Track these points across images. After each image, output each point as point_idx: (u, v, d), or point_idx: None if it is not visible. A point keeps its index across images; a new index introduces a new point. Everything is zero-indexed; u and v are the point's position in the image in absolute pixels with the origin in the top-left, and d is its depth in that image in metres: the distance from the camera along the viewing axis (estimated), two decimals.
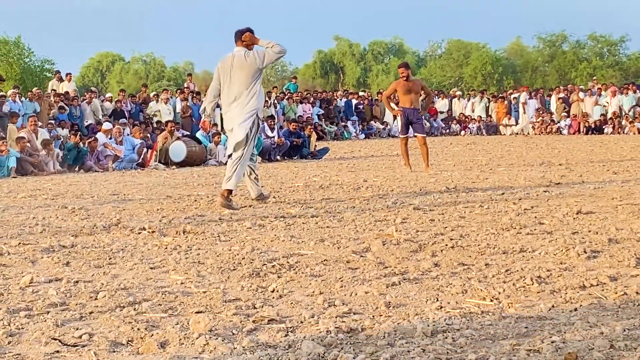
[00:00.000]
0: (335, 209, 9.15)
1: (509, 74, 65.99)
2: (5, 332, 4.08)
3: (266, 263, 5.87)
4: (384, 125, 33.27)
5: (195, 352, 3.76)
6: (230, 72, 9.57)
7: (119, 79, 70.26)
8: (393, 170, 15.17)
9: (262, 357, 3.65)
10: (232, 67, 9.57)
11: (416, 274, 5.44)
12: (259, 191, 10.14)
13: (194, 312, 4.46)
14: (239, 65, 9.53)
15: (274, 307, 4.61)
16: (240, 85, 9.54)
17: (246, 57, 9.51)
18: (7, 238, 7.25)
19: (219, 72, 9.73)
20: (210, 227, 7.84)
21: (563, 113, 33.92)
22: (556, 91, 36.88)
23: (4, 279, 5.45)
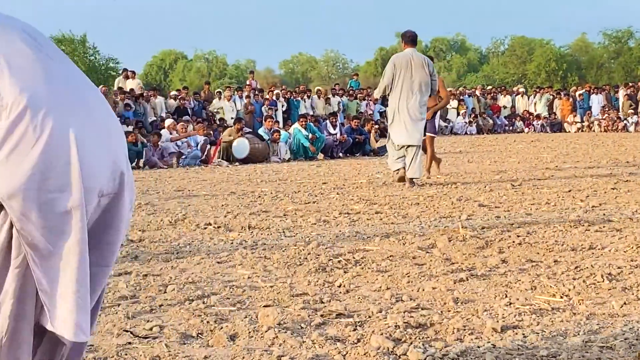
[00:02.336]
0: (399, 205, 9.12)
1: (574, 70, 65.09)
2: None
3: (332, 258, 5.88)
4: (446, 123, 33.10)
5: (264, 345, 3.78)
6: (411, 69, 11.08)
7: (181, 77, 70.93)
8: (457, 167, 15.07)
9: (331, 351, 3.65)
10: (411, 65, 11.10)
11: (484, 270, 5.40)
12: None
13: (262, 306, 4.48)
14: (419, 64, 11.13)
15: (342, 301, 4.61)
16: (421, 81, 11.11)
17: (422, 59, 11.28)
18: None
19: (394, 67, 11.15)
20: (275, 222, 7.87)
21: (630, 110, 33.34)
22: (623, 88, 36.25)
23: None
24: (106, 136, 2.07)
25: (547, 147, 22.24)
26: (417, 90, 11.14)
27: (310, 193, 10.76)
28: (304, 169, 16.01)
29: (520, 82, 58.73)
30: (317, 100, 29.36)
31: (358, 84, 36.70)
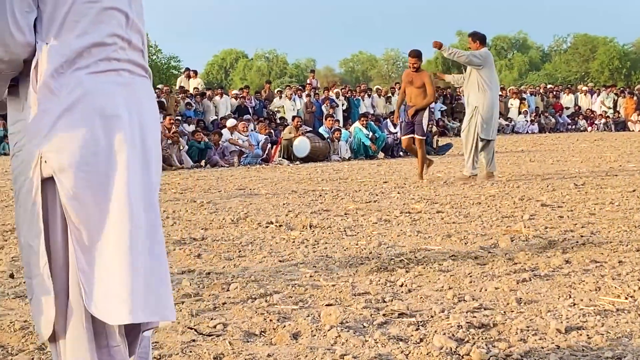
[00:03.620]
0: (460, 205, 9.08)
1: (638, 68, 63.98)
2: None
3: (393, 258, 5.88)
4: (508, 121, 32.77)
5: (327, 344, 3.80)
6: (494, 66, 12.31)
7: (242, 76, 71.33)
8: (518, 167, 14.94)
9: (394, 351, 3.66)
10: (493, 62, 12.32)
11: (547, 270, 5.36)
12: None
13: (325, 305, 4.51)
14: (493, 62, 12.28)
15: (404, 301, 4.61)
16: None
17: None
18: None
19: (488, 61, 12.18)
20: (336, 221, 7.89)
21: None
22: None
23: None
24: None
25: (611, 146, 21.92)
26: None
27: (371, 192, 10.77)
28: (365, 168, 16.02)
29: (582, 80, 57.92)
30: (377, 99, 29.32)
31: None
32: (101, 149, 1.99)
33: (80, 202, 1.96)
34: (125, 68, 2.10)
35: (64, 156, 1.95)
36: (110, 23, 2.05)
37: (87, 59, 2.01)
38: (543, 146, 21.84)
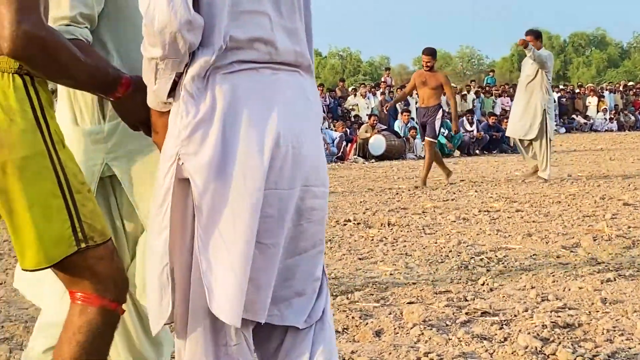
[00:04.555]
0: (540, 204, 8.97)
1: None
2: None
3: (474, 256, 5.85)
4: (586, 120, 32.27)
5: (410, 342, 3.80)
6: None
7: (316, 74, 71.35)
8: (598, 165, 14.70)
9: (478, 349, 3.64)
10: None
11: (632, 270, 5.27)
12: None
13: (406, 303, 4.50)
14: None
15: (486, 300, 4.58)
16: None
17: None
18: None
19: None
20: (414, 220, 7.87)
21: None
22: None
23: None
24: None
25: None
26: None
27: (448, 190, 10.72)
28: None
29: None
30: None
31: (494, 80, 36.14)
32: (237, 152, 1.98)
33: (212, 205, 1.97)
34: (269, 67, 2.06)
35: (199, 159, 1.96)
36: (250, 25, 2.02)
37: (228, 61, 2.00)
38: (623, 144, 21.42)
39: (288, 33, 2.09)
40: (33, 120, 2.06)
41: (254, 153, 1.97)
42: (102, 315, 2.15)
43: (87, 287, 2.14)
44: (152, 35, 1.95)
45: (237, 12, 2.00)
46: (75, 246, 2.08)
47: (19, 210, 2.04)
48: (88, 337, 2.13)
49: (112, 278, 2.18)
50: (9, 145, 2.01)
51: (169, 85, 2.01)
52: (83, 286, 2.15)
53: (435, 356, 3.55)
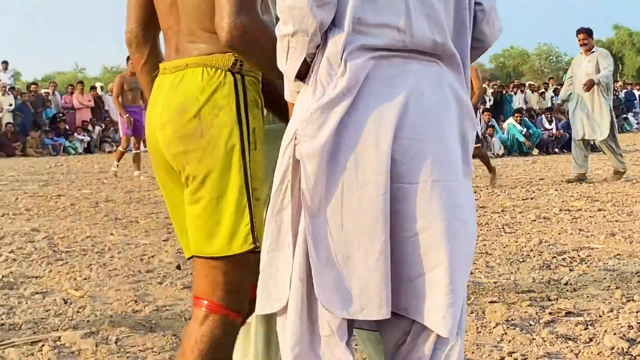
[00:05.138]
0: (622, 203, 8.80)
1: None
2: None
3: (556, 256, 5.76)
4: None
5: (493, 341, 3.76)
6: None
7: None
8: None
9: (563, 350, 3.59)
10: None
11: None
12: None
13: (488, 302, 4.45)
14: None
15: (569, 300, 4.50)
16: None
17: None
18: None
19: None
20: (494, 218, 7.79)
21: None
22: None
23: None
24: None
25: None
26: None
27: (527, 189, 10.58)
28: (519, 165, 15.76)
29: None
30: (530, 95, 28.73)
31: None
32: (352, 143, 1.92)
33: (319, 191, 1.93)
34: (402, 56, 1.97)
35: (314, 143, 1.92)
36: (384, 10, 1.94)
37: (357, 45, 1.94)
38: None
39: (429, 21, 1.98)
40: (235, 117, 2.15)
41: (370, 145, 1.91)
42: (223, 324, 2.18)
43: (217, 294, 2.18)
44: (283, 11, 1.94)
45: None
46: (252, 244, 2.16)
47: (213, 197, 2.15)
48: (210, 346, 2.17)
49: (241, 288, 2.22)
50: (210, 137, 2.13)
51: (298, 65, 1.98)
52: (213, 292, 2.18)
53: (520, 356, 3.50)
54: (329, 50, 1.95)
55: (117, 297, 4.75)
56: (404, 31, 1.95)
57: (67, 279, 5.27)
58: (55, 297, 4.71)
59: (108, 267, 5.62)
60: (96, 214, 8.74)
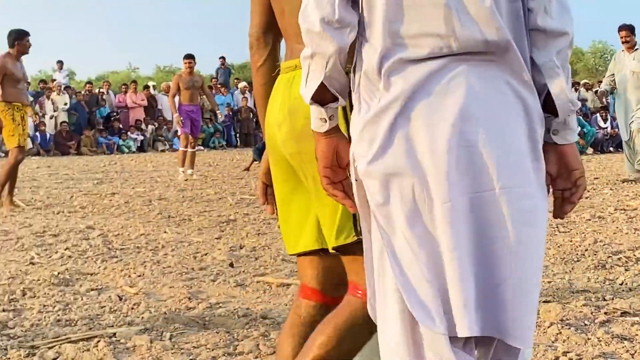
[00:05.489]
0: None
1: None
2: None
3: (611, 255, 5.69)
4: None
5: (548, 341, 3.73)
6: None
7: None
8: None
9: (619, 350, 3.54)
10: None
11: None
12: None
13: (542, 302, 4.41)
14: None
15: (625, 300, 4.44)
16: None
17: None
18: None
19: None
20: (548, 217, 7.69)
21: None
22: None
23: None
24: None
25: None
26: None
27: None
28: None
29: None
30: (585, 93, 28.39)
31: None
32: (404, 157, 1.86)
33: (382, 207, 1.89)
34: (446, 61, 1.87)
35: (367, 161, 1.89)
36: (420, 19, 1.87)
37: (396, 58, 1.88)
38: None
39: (476, 21, 1.86)
40: (343, 119, 2.16)
41: (427, 156, 1.85)
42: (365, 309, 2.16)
43: (361, 280, 2.19)
44: (302, 34, 1.94)
45: (404, 6, 1.88)
46: (355, 236, 2.20)
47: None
48: (347, 325, 2.21)
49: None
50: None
51: (315, 87, 1.96)
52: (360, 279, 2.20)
53: (574, 356, 3.46)
54: (366, 67, 1.92)
55: (170, 294, 4.79)
56: (446, 37, 1.86)
57: (122, 276, 5.33)
58: (110, 294, 4.77)
59: (162, 265, 5.67)
60: (150, 212, 8.83)
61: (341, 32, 1.91)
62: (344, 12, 1.91)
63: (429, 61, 1.87)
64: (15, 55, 9.44)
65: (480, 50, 1.88)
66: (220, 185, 12.29)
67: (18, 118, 9.37)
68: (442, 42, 1.86)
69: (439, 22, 1.86)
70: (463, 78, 1.87)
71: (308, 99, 1.99)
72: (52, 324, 4.16)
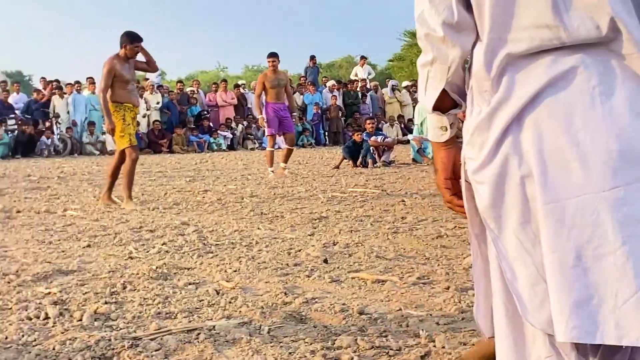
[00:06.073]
0: None
1: None
2: (458, 309, 4.26)
3: None
4: None
5: None
6: None
7: None
8: None
9: None
10: None
11: None
12: None
13: None
14: None
15: None
16: None
17: None
18: (442, 221, 7.55)
19: None
20: None
21: None
22: None
23: (447, 259, 5.67)
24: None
25: None
26: None
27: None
28: None
29: None
30: None
31: None
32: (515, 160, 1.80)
33: (494, 211, 1.84)
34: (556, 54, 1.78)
35: (476, 164, 1.85)
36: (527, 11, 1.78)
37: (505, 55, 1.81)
38: None
39: (586, 8, 1.75)
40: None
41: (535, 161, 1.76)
42: None
43: None
44: (421, 39, 1.91)
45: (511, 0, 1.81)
46: None
47: None
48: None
49: None
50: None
51: (436, 95, 1.92)
52: None
53: None
54: (475, 68, 1.87)
55: (267, 289, 4.83)
56: (555, 27, 1.76)
57: (218, 270, 5.40)
58: (208, 288, 4.83)
59: (256, 260, 5.73)
60: (242, 209, 8.93)
61: (462, 35, 1.87)
62: (463, 13, 1.87)
63: (540, 56, 1.79)
64: (124, 57, 9.54)
65: (594, 41, 1.77)
66: (311, 182, 12.35)
67: (129, 118, 9.50)
68: (551, 33, 1.77)
69: (547, 11, 1.77)
70: (575, 73, 1.77)
71: (429, 108, 1.95)
72: (153, 316, 4.24)
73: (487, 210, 1.87)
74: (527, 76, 1.80)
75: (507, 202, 1.83)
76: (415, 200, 9.53)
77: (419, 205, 8.98)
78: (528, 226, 1.82)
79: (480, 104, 1.87)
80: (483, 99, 1.86)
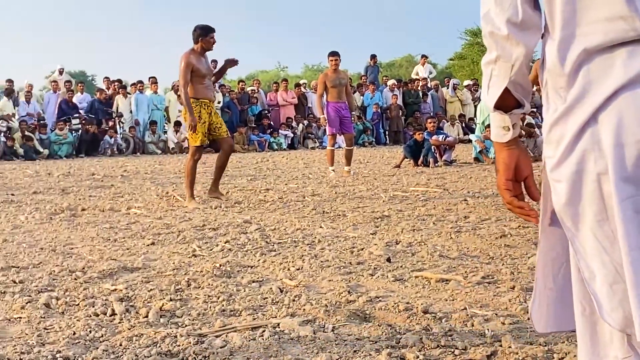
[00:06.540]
0: None
1: None
2: (523, 309, 4.21)
3: None
4: None
5: None
6: None
7: None
8: None
9: None
10: None
11: None
12: None
13: None
14: None
15: None
16: None
17: None
18: (506, 220, 7.47)
19: None
20: None
21: None
22: None
23: (511, 259, 5.61)
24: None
25: None
26: None
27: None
28: None
29: None
30: None
31: None
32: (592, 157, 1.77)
33: (573, 209, 1.82)
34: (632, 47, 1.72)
35: (554, 162, 1.83)
36: (598, 4, 1.74)
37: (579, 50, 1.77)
38: None
39: None
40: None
41: (613, 157, 1.73)
42: None
43: None
44: (485, 37, 1.90)
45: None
46: None
47: None
48: None
49: None
50: None
51: (498, 93, 1.91)
52: None
53: None
54: (548, 65, 1.84)
55: (330, 287, 4.83)
56: (630, 17, 1.70)
57: (281, 269, 5.42)
58: (271, 286, 4.85)
59: (319, 259, 5.73)
60: (304, 208, 8.94)
61: (526, 33, 1.85)
62: (528, 12, 1.85)
63: (616, 50, 1.74)
64: (199, 51, 9.48)
65: None
66: (372, 182, 12.33)
67: (205, 116, 9.48)
68: (626, 25, 1.72)
69: (620, 2, 1.72)
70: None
71: (491, 106, 1.94)
72: (218, 313, 4.26)
73: (565, 208, 1.84)
74: (603, 71, 1.75)
75: (584, 200, 1.80)
76: (477, 199, 9.45)
77: (482, 204, 8.91)
78: (605, 224, 1.78)
79: (555, 101, 1.84)
80: (558, 96, 1.83)
